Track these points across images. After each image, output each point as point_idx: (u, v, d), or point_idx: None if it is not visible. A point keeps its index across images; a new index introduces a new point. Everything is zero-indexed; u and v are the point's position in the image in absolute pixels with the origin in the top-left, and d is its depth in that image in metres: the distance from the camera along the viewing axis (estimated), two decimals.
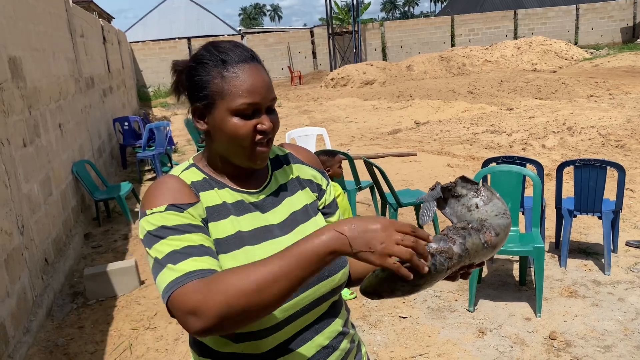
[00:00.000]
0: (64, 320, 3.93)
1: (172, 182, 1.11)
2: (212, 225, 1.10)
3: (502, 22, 28.38)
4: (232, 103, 1.09)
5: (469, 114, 11.56)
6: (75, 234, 5.46)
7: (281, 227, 1.17)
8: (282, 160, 1.28)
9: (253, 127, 1.11)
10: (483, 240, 1.01)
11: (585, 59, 21.54)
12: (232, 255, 1.09)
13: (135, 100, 17.90)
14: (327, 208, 1.30)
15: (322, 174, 1.33)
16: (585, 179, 3.96)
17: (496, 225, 1.05)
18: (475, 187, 1.13)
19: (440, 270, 0.96)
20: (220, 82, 1.10)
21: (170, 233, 1.02)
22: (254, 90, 1.10)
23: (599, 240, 4.48)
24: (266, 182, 1.22)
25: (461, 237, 0.99)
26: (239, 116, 1.10)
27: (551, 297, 3.64)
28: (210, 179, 1.16)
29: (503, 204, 1.11)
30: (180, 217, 1.04)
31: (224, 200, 1.14)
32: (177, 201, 1.06)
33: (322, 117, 13.38)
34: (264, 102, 1.11)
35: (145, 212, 1.06)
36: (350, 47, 27.15)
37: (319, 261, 0.92)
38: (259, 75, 1.12)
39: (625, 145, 7.66)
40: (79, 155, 6.42)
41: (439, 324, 3.42)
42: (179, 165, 1.20)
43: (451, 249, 0.97)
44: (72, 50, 7.15)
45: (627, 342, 3.08)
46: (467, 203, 1.13)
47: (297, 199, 1.24)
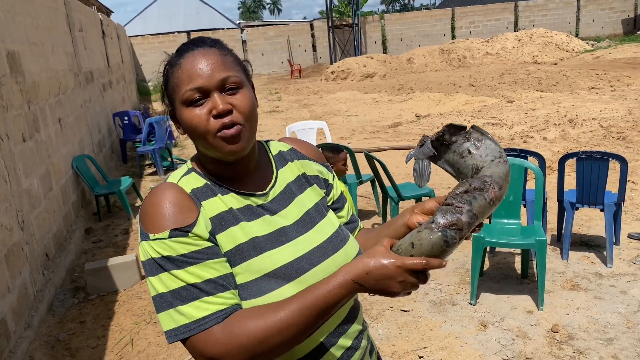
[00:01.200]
0: (65, 315, 3.93)
1: (171, 195, 1.02)
2: (220, 237, 1.03)
3: (503, 14, 28.26)
4: (180, 94, 1.04)
5: (470, 107, 11.52)
6: (76, 229, 5.45)
7: (296, 228, 1.12)
8: (286, 157, 1.22)
9: (207, 114, 1.02)
10: (488, 199, 0.97)
11: (586, 51, 21.45)
12: (247, 264, 1.03)
13: (135, 94, 17.85)
14: (336, 203, 1.27)
15: (327, 168, 1.29)
16: (587, 172, 3.94)
17: (497, 177, 0.99)
18: (464, 132, 1.06)
19: (453, 244, 0.95)
20: (172, 79, 1.06)
21: (176, 265, 0.97)
22: (195, 73, 1.02)
23: (601, 232, 4.47)
24: (272, 182, 1.15)
25: (467, 203, 0.96)
26: (190, 105, 1.03)
27: (553, 290, 3.63)
28: (212, 184, 1.08)
29: (496, 144, 1.04)
30: (185, 245, 0.98)
31: (230, 207, 1.06)
32: (179, 223, 0.99)
33: (322, 110, 13.34)
34: (210, 82, 1.02)
35: (147, 234, 1.00)
36: (351, 40, 27.06)
37: (337, 306, 0.96)
38: (203, 58, 1.04)
39: (627, 137, 7.63)
40: (79, 150, 6.40)
41: (441, 317, 3.42)
42: (178, 171, 1.12)
43: (460, 220, 0.95)
44: (71, 44, 7.12)
45: (629, 334, 3.07)
46: (458, 149, 1.06)
47: (307, 197, 1.19)
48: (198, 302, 0.96)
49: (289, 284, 1.04)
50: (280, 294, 1.02)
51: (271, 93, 18.21)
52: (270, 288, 1.03)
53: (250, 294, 1.02)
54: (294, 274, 1.06)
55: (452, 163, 1.07)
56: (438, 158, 1.09)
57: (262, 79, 24.39)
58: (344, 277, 0.95)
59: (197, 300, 0.96)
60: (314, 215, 1.17)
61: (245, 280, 1.03)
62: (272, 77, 25.42)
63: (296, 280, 1.05)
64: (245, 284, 1.03)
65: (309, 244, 1.11)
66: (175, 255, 0.98)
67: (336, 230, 1.18)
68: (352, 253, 1.17)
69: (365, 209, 5.65)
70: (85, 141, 6.93)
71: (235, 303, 1.00)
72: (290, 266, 1.06)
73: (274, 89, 19.55)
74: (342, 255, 1.14)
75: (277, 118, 12.59)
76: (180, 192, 1.04)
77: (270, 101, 15.95)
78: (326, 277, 0.98)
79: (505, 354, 2.98)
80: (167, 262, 0.98)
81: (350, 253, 1.16)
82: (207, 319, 0.95)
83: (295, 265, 1.07)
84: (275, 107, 14.62)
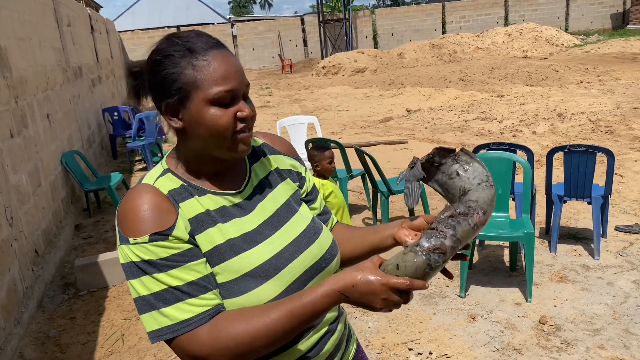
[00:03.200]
0: (55, 311, 3.92)
1: (149, 197, 1.01)
2: (198, 237, 1.04)
3: (493, 9, 28.34)
4: (208, 92, 1.02)
5: (460, 101, 11.56)
6: (66, 225, 5.42)
7: (269, 225, 1.13)
8: (259, 152, 1.23)
9: (233, 115, 1.04)
10: (472, 225, 1.02)
11: (575, 46, 21.57)
12: (225, 265, 1.04)
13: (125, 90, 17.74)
14: (309, 195, 1.29)
15: (300, 161, 1.31)
16: (575, 165, 3.98)
17: (482, 202, 1.04)
18: (453, 155, 1.12)
19: (436, 267, 0.99)
20: (192, 73, 1.02)
21: (158, 268, 0.98)
22: (229, 76, 1.03)
23: (589, 225, 4.52)
24: (246, 179, 1.17)
25: (451, 228, 1.00)
26: (217, 105, 1.03)
27: (541, 282, 3.67)
28: (188, 185, 1.08)
29: (484, 168, 1.10)
30: (165, 249, 0.99)
31: (207, 208, 1.07)
32: (158, 227, 0.99)
33: (313, 105, 13.34)
34: (241, 87, 1.05)
35: (127, 238, 0.99)
36: (341, 34, 27.02)
37: (320, 314, 1.00)
38: (231, 61, 1.05)
39: (614, 130, 7.70)
40: (68, 146, 6.36)
41: (431, 310, 3.45)
42: (152, 171, 1.11)
43: (443, 244, 0.98)
44: (59, 39, 7.06)
45: (615, 325, 3.11)
46: (447, 171, 1.11)
47: (279, 192, 1.20)
48: (181, 304, 0.98)
49: (268, 281, 1.06)
50: (260, 292, 1.05)
51: (262, 88, 18.16)
52: (249, 287, 1.04)
53: (231, 293, 1.04)
54: (272, 272, 1.07)
55: (441, 184, 1.13)
56: (428, 179, 1.15)
57: (253, 74, 24.31)
58: (330, 287, 0.98)
59: (180, 302, 0.98)
60: (287, 210, 1.18)
61: (224, 280, 1.04)
62: (263, 72, 25.32)
63: (275, 278, 1.07)
64: (225, 284, 1.04)
65: (284, 240, 1.13)
66: (156, 259, 0.98)
67: (309, 224, 1.20)
68: (326, 244, 1.20)
69: (356, 204, 5.67)
70: (75, 137, 6.89)
71: (217, 303, 1.02)
72: (268, 264, 1.08)
73: (264, 84, 19.50)
74: (316, 247, 1.17)
75: (268, 113, 12.57)
76: (158, 194, 1.03)
77: (261, 96, 15.91)
78: (313, 287, 1.01)
79: (493, 346, 3.01)
80: (148, 266, 0.98)
81: (324, 244, 1.19)
82: (191, 321, 0.98)
83: (273, 263, 1.08)
84: (266, 102, 14.59)
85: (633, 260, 3.87)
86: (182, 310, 0.97)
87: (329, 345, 1.21)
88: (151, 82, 1.08)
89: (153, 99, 1.11)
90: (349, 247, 1.28)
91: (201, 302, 0.99)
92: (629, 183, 5.49)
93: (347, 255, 1.29)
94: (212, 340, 0.96)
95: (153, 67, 1.07)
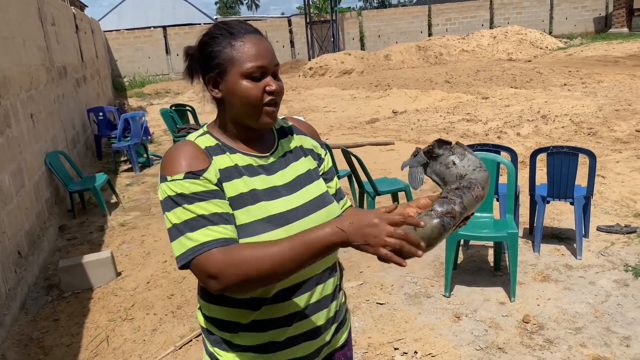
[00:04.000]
0: (38, 313, 3.88)
1: (188, 147, 1.23)
2: (225, 185, 1.23)
3: (478, 12, 28.56)
4: (242, 67, 1.23)
5: (445, 103, 11.65)
6: (50, 226, 5.37)
7: (287, 188, 1.31)
8: (287, 131, 1.43)
9: (262, 89, 1.24)
10: (474, 196, 1.18)
11: (559, 49, 21.83)
12: (246, 209, 1.23)
13: (110, 90, 17.59)
14: (325, 174, 1.45)
15: (321, 144, 1.48)
16: (558, 166, 4.04)
17: (480, 180, 1.21)
18: (449, 147, 1.28)
19: (448, 229, 1.13)
20: (230, 51, 1.24)
21: (188, 201, 1.17)
22: (260, 55, 1.24)
23: (571, 225, 4.58)
24: (274, 148, 1.36)
25: (459, 197, 1.16)
26: (249, 79, 1.23)
27: (525, 282, 3.72)
28: (222, 144, 1.29)
29: (476, 158, 1.26)
30: (196, 185, 1.18)
31: (235, 163, 1.27)
32: (192, 168, 1.19)
33: (300, 106, 13.35)
34: (270, 65, 1.25)
35: (165, 177, 1.19)
36: (328, 36, 27.05)
37: (322, 250, 1.10)
38: (263, 43, 1.26)
39: (597, 132, 7.81)
40: (52, 146, 6.30)
41: (416, 309, 3.47)
42: (194, 132, 1.32)
43: (454, 209, 1.13)
44: (43, 38, 6.98)
45: (597, 323, 3.16)
46: (444, 161, 1.27)
47: (301, 164, 1.38)
48: (204, 229, 1.15)
49: (279, 228, 1.24)
50: (272, 235, 1.22)
51: None
52: (264, 230, 1.22)
53: (247, 233, 1.21)
54: (283, 222, 1.25)
55: (438, 173, 1.28)
56: (426, 168, 1.31)
57: None
58: (329, 224, 1.11)
59: (203, 228, 1.15)
60: (305, 179, 1.36)
61: (243, 221, 1.22)
62: None
63: (285, 227, 1.25)
64: (243, 225, 1.22)
65: (298, 201, 1.31)
66: (187, 192, 1.17)
67: (322, 193, 1.37)
68: (334, 213, 1.36)
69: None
70: (59, 137, 6.82)
71: (234, 237, 1.19)
72: (281, 215, 1.26)
73: None
74: (324, 213, 1.33)
75: None
76: (196, 147, 1.25)
77: None
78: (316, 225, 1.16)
79: (478, 345, 3.04)
80: (180, 198, 1.17)
81: (332, 212, 1.35)
82: (210, 243, 1.14)
83: (286, 215, 1.27)
84: None
85: (614, 259, 3.94)
86: (204, 234, 1.15)
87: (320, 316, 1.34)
88: (199, 60, 1.29)
89: (201, 74, 1.30)
90: None
91: (222, 229, 1.16)
92: (611, 184, 5.58)
93: None
94: (223, 259, 1.11)
95: (201, 47, 1.28)
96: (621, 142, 7.28)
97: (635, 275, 3.68)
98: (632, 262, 3.87)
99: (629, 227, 4.41)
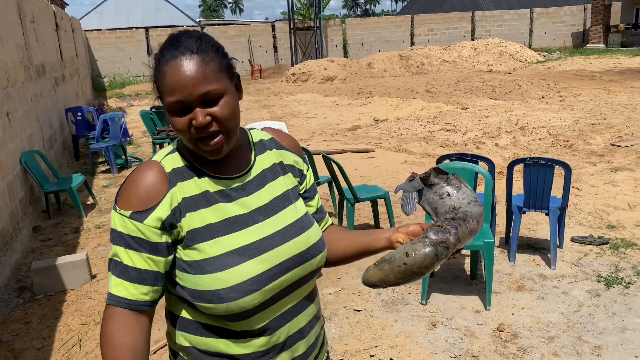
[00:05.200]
0: (9, 315, 3.79)
1: (148, 176, 1.13)
2: (190, 215, 1.13)
3: (460, 23, 28.97)
4: (165, 101, 1.11)
5: (426, 113, 11.77)
6: (23, 226, 5.26)
7: (262, 212, 1.21)
8: (266, 145, 1.30)
9: (188, 123, 1.10)
10: (469, 229, 1.12)
11: (538, 62, 22.25)
12: (215, 241, 1.13)
13: (90, 90, 17.36)
14: (307, 192, 1.35)
15: (303, 159, 1.38)
16: (534, 177, 4.11)
17: (475, 214, 1.16)
18: (445, 177, 1.23)
19: (441, 259, 1.08)
20: (159, 79, 1.12)
21: (123, 243, 1.12)
22: (176, 87, 1.08)
23: (546, 236, 4.66)
24: (250, 165, 1.24)
25: (454, 227, 1.10)
26: (174, 113, 1.11)
27: (500, 291, 3.76)
28: (190, 167, 1.17)
29: (472, 191, 1.22)
30: (136, 230, 1.11)
31: (205, 190, 1.16)
32: (140, 206, 1.11)
33: (282, 111, 13.34)
34: (190, 97, 1.08)
35: (115, 207, 1.14)
36: (312, 42, 27.14)
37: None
38: (185, 71, 1.08)
39: (573, 145, 7.97)
40: (28, 145, 6.19)
41: (393, 316, 3.49)
42: (165, 149, 1.22)
43: (448, 239, 1.08)
44: (22, 36, 6.87)
45: (569, 333, 3.22)
46: (439, 191, 1.22)
47: (278, 185, 1.26)
48: (121, 281, 1.12)
49: (250, 260, 1.14)
50: (242, 269, 1.13)
51: None
52: (233, 263, 1.12)
53: (214, 267, 1.12)
54: (256, 252, 1.15)
55: (431, 202, 1.23)
56: (420, 195, 1.26)
57: None
58: None
59: (121, 280, 1.12)
60: (282, 201, 1.25)
61: (211, 255, 1.13)
62: None
63: (258, 258, 1.15)
64: (210, 259, 1.12)
65: (273, 227, 1.20)
66: (126, 233, 1.12)
67: (301, 217, 1.26)
68: (314, 238, 1.26)
69: None
70: (35, 136, 6.70)
71: (144, 301, 1.14)
72: (253, 246, 1.16)
73: None
74: (303, 239, 1.23)
75: None
76: (158, 174, 1.14)
77: None
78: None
79: (453, 352, 3.07)
80: (119, 238, 1.12)
81: (311, 238, 1.25)
82: (120, 300, 1.12)
83: (258, 245, 1.16)
84: None
85: (587, 270, 4.01)
86: (119, 287, 1.12)
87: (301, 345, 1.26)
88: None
89: None
90: (341, 246, 1.34)
91: (135, 290, 1.12)
92: (585, 196, 5.69)
93: (340, 253, 1.34)
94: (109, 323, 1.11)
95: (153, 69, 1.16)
96: (596, 155, 7.44)
97: (607, 285, 3.75)
98: (604, 272, 3.95)
99: (602, 238, 4.50)
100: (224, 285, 1.11)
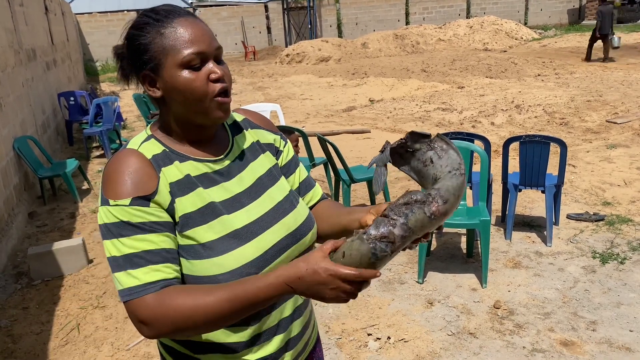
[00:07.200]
0: (7, 301, 3.80)
1: (133, 161, 1.06)
2: (181, 200, 1.08)
3: (455, 1, 28.68)
4: (178, 57, 1.06)
5: (421, 92, 11.71)
6: (18, 212, 5.24)
7: (248, 195, 1.18)
8: (241, 126, 1.27)
9: (206, 78, 1.07)
10: (429, 213, 0.95)
11: (534, 39, 22.09)
12: (209, 225, 1.09)
13: (82, 74, 17.19)
14: (284, 169, 1.31)
15: (280, 136, 1.34)
16: (530, 155, 4.10)
17: (444, 191, 0.98)
18: (428, 140, 1.06)
19: (382, 257, 0.95)
20: (161, 40, 1.07)
21: (133, 232, 1.03)
22: (196, 39, 1.07)
23: (542, 213, 4.67)
24: (229, 148, 1.20)
25: (403, 216, 0.95)
26: (188, 69, 1.07)
27: (496, 268, 3.78)
28: (170, 151, 1.12)
29: (458, 155, 1.04)
30: (145, 214, 1.03)
31: (187, 174, 1.11)
32: (140, 191, 1.03)
33: (277, 93, 13.25)
34: (210, 50, 1.08)
35: (107, 200, 1.03)
36: (306, 22, 26.86)
37: (263, 304, 1.02)
38: (198, 25, 1.09)
39: (568, 122, 7.96)
40: (21, 131, 6.13)
41: (389, 295, 3.51)
42: (137, 137, 1.15)
43: (392, 232, 0.94)
44: (11, 19, 6.76)
45: (565, 309, 3.24)
46: (422, 157, 1.06)
47: (259, 164, 1.24)
48: (147, 268, 1.02)
49: (247, 243, 1.11)
50: (241, 252, 1.10)
51: None
52: (231, 247, 1.09)
53: (214, 252, 1.08)
54: (250, 235, 1.13)
55: (416, 171, 1.08)
56: (404, 165, 1.11)
57: None
58: (276, 278, 0.99)
59: (146, 267, 1.02)
60: (266, 182, 1.22)
61: (208, 239, 1.08)
62: (226, 59, 24.78)
63: (253, 241, 1.12)
64: (208, 243, 1.08)
65: (261, 209, 1.18)
66: (133, 221, 1.03)
67: (286, 196, 1.24)
68: (301, 217, 1.24)
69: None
70: (28, 122, 6.64)
71: (174, 277, 1.06)
72: (247, 228, 1.13)
73: None
74: (291, 219, 1.21)
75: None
76: (142, 159, 1.07)
77: None
78: (261, 274, 1.04)
79: (450, 330, 3.09)
80: (124, 228, 1.03)
81: (299, 217, 1.23)
82: (149, 285, 1.02)
83: (251, 227, 1.14)
84: None
85: (583, 247, 4.03)
86: (145, 275, 1.02)
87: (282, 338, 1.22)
88: (129, 57, 1.12)
89: (134, 72, 1.13)
90: (326, 225, 1.30)
91: (166, 270, 1.04)
92: (581, 173, 5.70)
93: (325, 231, 1.30)
94: (156, 306, 1.00)
95: (128, 42, 1.11)
96: (592, 132, 7.43)
97: (602, 262, 3.78)
98: (600, 249, 3.97)
99: (598, 215, 4.52)
100: (222, 270, 1.07)
